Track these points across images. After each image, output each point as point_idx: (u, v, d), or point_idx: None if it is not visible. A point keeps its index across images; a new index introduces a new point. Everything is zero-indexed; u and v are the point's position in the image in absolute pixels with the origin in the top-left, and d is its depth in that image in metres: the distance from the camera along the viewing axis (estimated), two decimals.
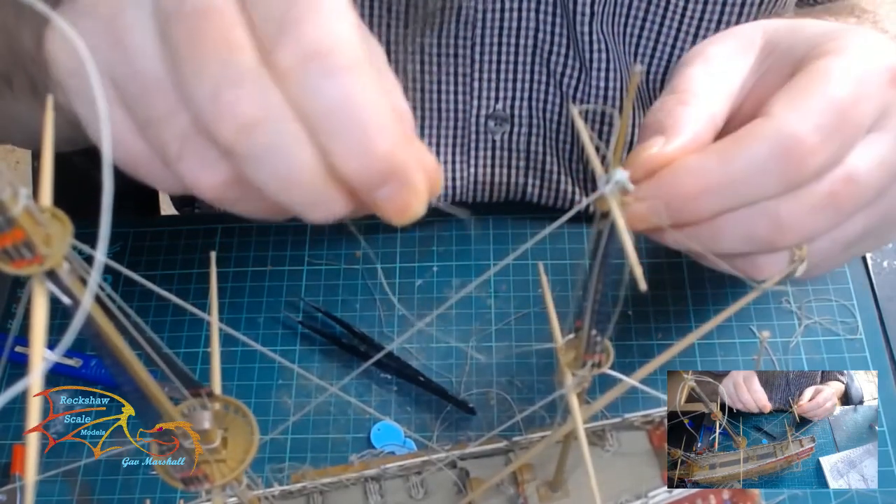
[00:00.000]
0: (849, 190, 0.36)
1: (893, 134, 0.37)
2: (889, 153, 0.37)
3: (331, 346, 0.58)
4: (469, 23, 0.57)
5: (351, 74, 0.28)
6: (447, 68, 0.59)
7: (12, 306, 0.62)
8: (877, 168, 0.37)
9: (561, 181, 0.65)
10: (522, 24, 0.58)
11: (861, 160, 0.36)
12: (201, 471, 0.31)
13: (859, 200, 0.37)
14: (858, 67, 0.36)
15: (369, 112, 0.28)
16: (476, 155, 0.64)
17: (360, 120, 0.28)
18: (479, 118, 0.62)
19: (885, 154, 0.37)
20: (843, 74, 0.36)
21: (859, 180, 0.36)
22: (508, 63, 0.60)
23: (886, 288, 0.58)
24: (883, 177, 0.37)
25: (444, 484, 0.43)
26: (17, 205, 0.19)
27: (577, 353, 0.33)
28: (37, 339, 0.20)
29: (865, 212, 0.39)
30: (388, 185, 0.29)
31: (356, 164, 0.28)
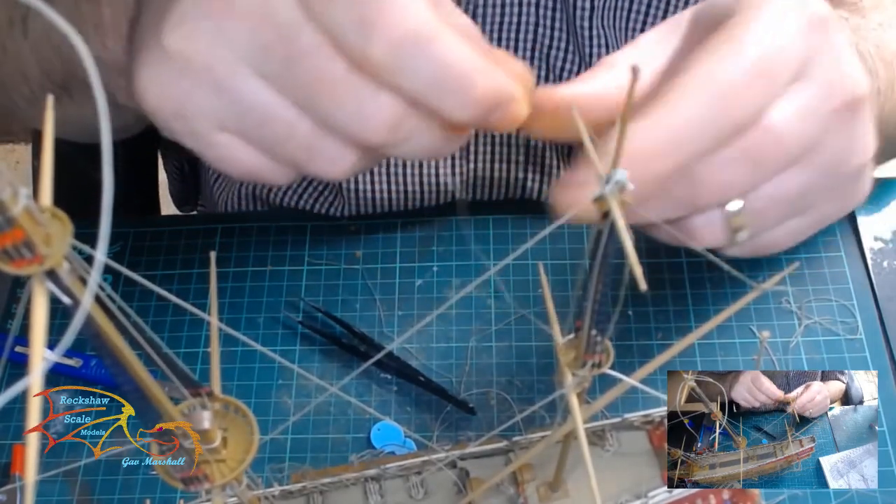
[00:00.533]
0: (766, 141, 0.35)
1: (813, 82, 0.37)
2: (809, 102, 0.36)
3: (331, 346, 0.58)
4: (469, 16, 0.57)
5: (433, 44, 0.33)
6: None
7: (12, 306, 0.62)
8: (798, 118, 0.36)
9: (561, 175, 0.65)
10: (522, 18, 0.58)
11: (780, 111, 0.36)
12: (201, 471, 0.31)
13: (781, 153, 0.36)
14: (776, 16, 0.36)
15: (463, 67, 0.33)
16: (475, 150, 0.64)
17: (458, 78, 0.33)
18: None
19: (805, 103, 0.36)
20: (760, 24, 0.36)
21: (778, 131, 0.35)
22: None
23: (886, 288, 0.58)
24: (808, 127, 0.36)
25: (444, 484, 0.43)
26: (17, 204, 0.19)
27: (577, 353, 0.33)
28: (37, 339, 0.20)
29: (800, 167, 0.37)
30: (496, 109, 0.34)
31: (469, 110, 0.34)
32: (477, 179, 0.64)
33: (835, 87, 0.37)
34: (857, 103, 0.38)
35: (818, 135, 0.37)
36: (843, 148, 0.38)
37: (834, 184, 0.40)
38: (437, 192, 0.64)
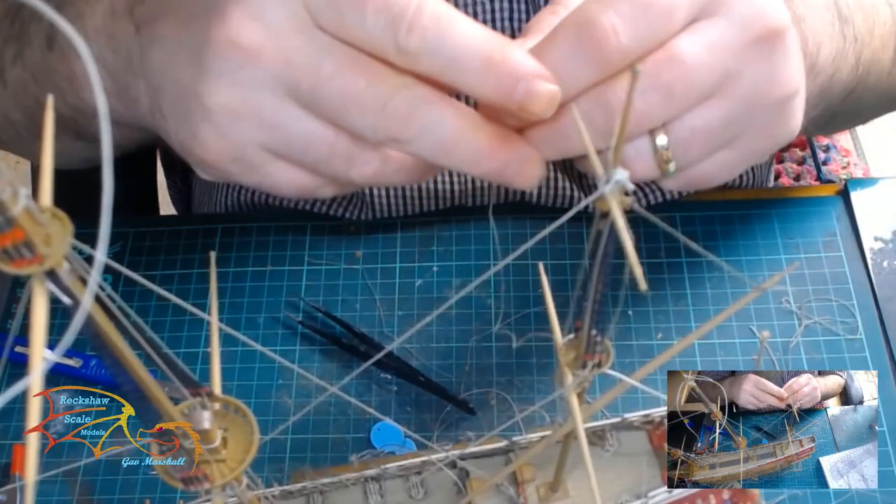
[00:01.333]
0: (675, 71, 0.37)
1: (726, 18, 0.38)
2: (721, 35, 0.38)
3: (331, 346, 0.58)
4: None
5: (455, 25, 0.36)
6: None
7: (12, 306, 0.62)
8: (709, 50, 0.38)
9: (559, 180, 0.65)
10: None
11: (689, 43, 0.37)
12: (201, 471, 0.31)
13: (692, 82, 0.38)
14: None
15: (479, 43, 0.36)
16: None
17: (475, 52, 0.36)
18: None
19: (717, 37, 0.38)
20: None
21: (686, 61, 0.37)
22: None
23: (886, 288, 0.58)
24: (718, 60, 0.38)
25: (444, 484, 0.43)
26: (17, 205, 0.19)
27: (577, 353, 0.33)
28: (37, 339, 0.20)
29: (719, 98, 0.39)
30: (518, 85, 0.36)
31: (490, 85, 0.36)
32: (475, 189, 0.64)
33: (749, 21, 0.38)
34: (776, 35, 0.39)
35: (733, 67, 0.38)
36: (764, 80, 0.39)
37: (758, 116, 0.40)
38: (435, 198, 0.64)
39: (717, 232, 0.62)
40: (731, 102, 0.39)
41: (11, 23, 0.55)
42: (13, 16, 0.56)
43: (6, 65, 0.55)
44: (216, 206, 0.73)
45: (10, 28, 0.55)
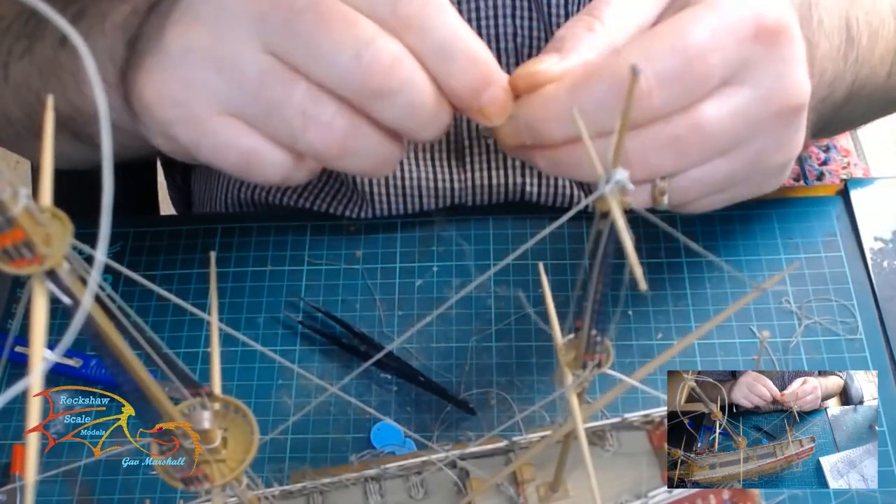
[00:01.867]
0: (695, 136, 0.38)
1: (752, 88, 0.39)
2: (745, 105, 0.39)
3: (331, 346, 0.58)
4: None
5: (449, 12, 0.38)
6: None
7: (12, 306, 0.62)
8: (730, 118, 0.39)
9: (559, 179, 0.65)
10: (500, 30, 0.58)
11: (713, 109, 0.38)
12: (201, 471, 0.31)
13: (707, 147, 0.39)
14: (718, 20, 0.38)
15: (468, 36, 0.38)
16: (471, 160, 0.64)
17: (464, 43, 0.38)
18: (470, 123, 0.62)
19: (741, 106, 0.39)
20: (698, 25, 0.38)
21: (708, 128, 0.38)
22: None
23: (886, 288, 0.58)
24: (738, 127, 0.39)
25: (444, 484, 0.43)
26: (17, 204, 0.19)
27: (577, 354, 0.33)
28: (37, 339, 0.20)
29: (727, 158, 0.40)
30: (490, 87, 0.38)
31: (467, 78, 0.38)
32: (475, 187, 0.64)
33: (773, 96, 0.39)
34: (794, 111, 0.41)
35: (748, 135, 0.40)
36: (772, 147, 0.41)
37: (756, 174, 0.43)
38: (435, 196, 0.64)
39: (717, 232, 0.62)
40: (736, 163, 0.40)
41: (26, 21, 0.55)
42: (29, 14, 0.56)
43: (12, 60, 0.54)
44: (216, 203, 0.73)
45: (24, 26, 0.55)
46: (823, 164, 0.92)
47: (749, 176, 0.42)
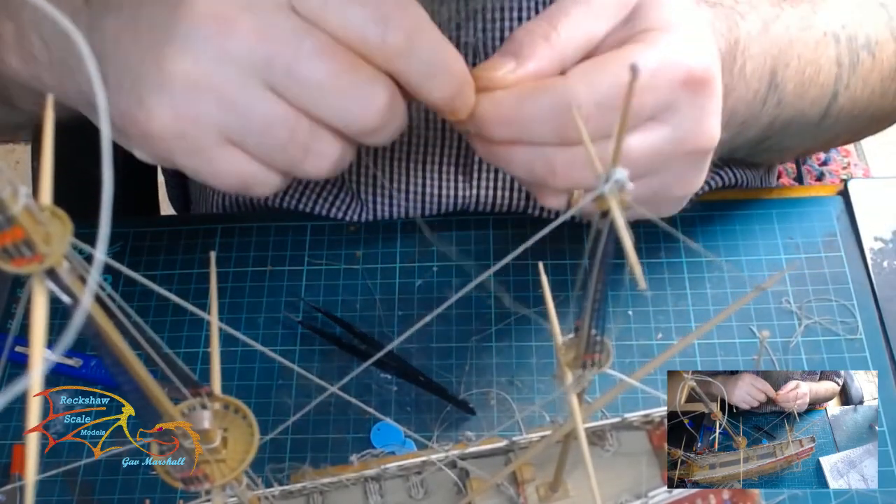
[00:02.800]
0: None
1: (671, 128, 0.42)
2: (660, 143, 0.43)
3: (331, 346, 0.58)
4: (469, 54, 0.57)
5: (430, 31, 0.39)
6: None
7: (12, 306, 0.62)
8: (644, 151, 0.42)
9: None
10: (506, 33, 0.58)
11: (635, 141, 0.42)
12: (201, 471, 0.31)
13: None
14: (657, 61, 0.41)
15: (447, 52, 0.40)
16: (479, 177, 0.63)
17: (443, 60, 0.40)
18: None
19: (656, 143, 0.42)
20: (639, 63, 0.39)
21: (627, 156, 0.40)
22: None
23: (886, 288, 0.58)
24: (652, 159, 0.43)
25: (444, 484, 0.43)
26: (16, 203, 0.19)
27: (577, 354, 0.33)
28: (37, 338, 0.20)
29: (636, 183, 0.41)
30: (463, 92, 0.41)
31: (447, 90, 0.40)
32: (479, 203, 0.64)
33: (688, 138, 0.43)
34: (702, 154, 0.44)
35: (659, 167, 0.43)
36: (675, 181, 0.45)
37: (659, 201, 0.46)
38: (438, 206, 0.64)
39: (717, 232, 0.62)
40: (644, 189, 0.44)
41: None
42: None
43: None
44: (213, 205, 0.73)
45: None
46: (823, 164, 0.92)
47: (650, 200, 0.45)
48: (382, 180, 0.64)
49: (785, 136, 0.58)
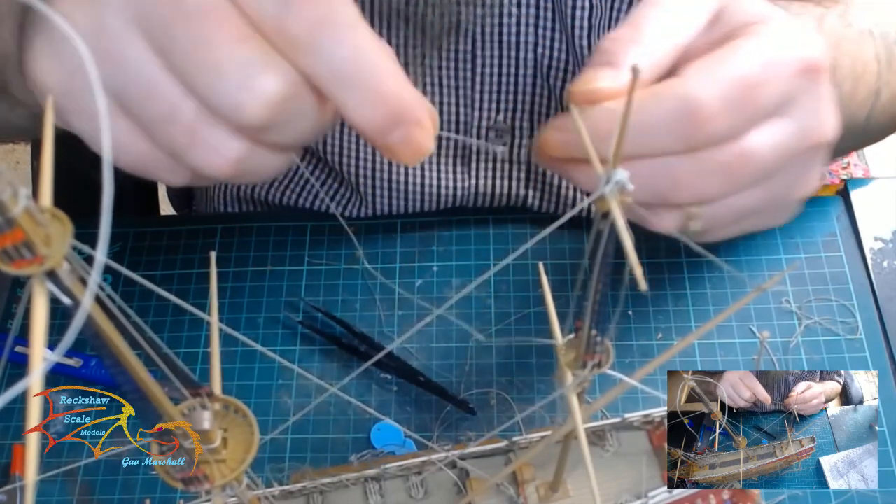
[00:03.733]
0: (742, 164, 0.39)
1: (794, 121, 0.40)
2: (786, 139, 0.39)
3: (331, 346, 0.58)
4: (469, 36, 0.57)
5: (355, 33, 0.32)
6: (448, 81, 0.59)
7: (12, 306, 0.62)
8: (772, 150, 0.39)
9: (562, 190, 0.65)
10: (521, 38, 0.58)
11: (759, 139, 0.39)
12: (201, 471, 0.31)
13: (751, 176, 0.39)
14: (771, 53, 0.38)
15: (376, 64, 0.32)
16: (477, 167, 0.64)
17: (369, 72, 0.32)
18: (479, 130, 0.62)
19: (783, 139, 0.39)
20: (755, 56, 0.38)
21: (754, 158, 0.39)
22: (509, 76, 0.60)
23: (886, 288, 0.58)
24: (777, 159, 0.40)
25: (444, 484, 0.43)
26: (17, 205, 0.19)
27: (577, 354, 0.33)
28: (37, 339, 0.20)
29: (759, 187, 0.41)
30: (399, 126, 0.33)
31: (370, 113, 0.32)
32: (478, 195, 0.64)
33: (810, 132, 0.40)
34: (822, 148, 0.42)
35: (784, 166, 0.41)
36: (797, 181, 0.43)
37: (777, 206, 0.44)
38: (437, 199, 0.64)
39: None
40: (766, 193, 0.41)
41: None
42: None
43: None
44: (215, 199, 0.73)
45: None
46: None
47: (771, 206, 0.43)
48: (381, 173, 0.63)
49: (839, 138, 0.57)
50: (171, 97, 0.33)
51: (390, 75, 0.32)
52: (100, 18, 0.33)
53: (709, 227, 0.42)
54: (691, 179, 0.38)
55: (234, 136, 0.34)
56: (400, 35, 0.57)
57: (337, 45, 0.31)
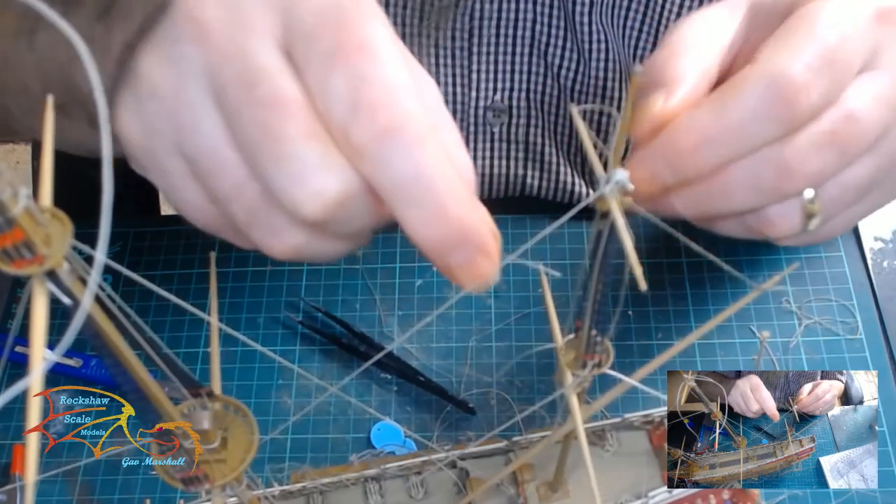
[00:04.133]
0: (850, 128, 0.36)
1: (888, 70, 0.37)
2: (886, 89, 0.37)
3: (331, 346, 0.58)
4: (466, 14, 0.57)
5: (421, 147, 0.30)
6: (445, 60, 0.59)
7: (12, 306, 0.62)
8: (875, 105, 0.37)
9: (561, 171, 0.65)
10: (520, 15, 0.57)
11: (859, 98, 0.36)
12: (201, 471, 0.31)
13: (862, 139, 0.37)
14: (843, 7, 0.36)
15: (440, 181, 0.30)
16: (475, 147, 0.64)
17: (431, 190, 0.30)
18: (477, 110, 0.62)
19: (883, 91, 0.37)
20: (827, 15, 0.36)
21: (859, 118, 0.36)
22: (506, 55, 0.59)
23: (886, 288, 0.58)
24: (884, 113, 0.37)
25: (444, 484, 0.43)
26: (17, 205, 0.19)
27: (577, 354, 0.33)
28: (37, 339, 0.20)
29: (872, 153, 0.38)
30: (460, 250, 0.31)
31: (429, 232, 0.31)
32: (477, 177, 0.64)
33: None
34: None
35: (890, 123, 0.37)
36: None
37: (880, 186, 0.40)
38: None
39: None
40: (881, 158, 0.38)
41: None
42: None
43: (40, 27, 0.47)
44: None
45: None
46: None
47: (889, 175, 0.40)
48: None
49: None
50: (237, 176, 0.33)
51: (455, 196, 0.31)
52: (179, 82, 0.33)
53: (830, 215, 0.39)
54: (800, 161, 0.36)
55: (295, 225, 0.33)
56: (398, 15, 0.56)
57: (401, 160, 0.30)
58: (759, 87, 0.35)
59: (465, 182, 0.33)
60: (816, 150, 0.36)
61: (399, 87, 0.31)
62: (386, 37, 0.32)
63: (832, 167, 0.37)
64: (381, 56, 0.31)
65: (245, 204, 0.33)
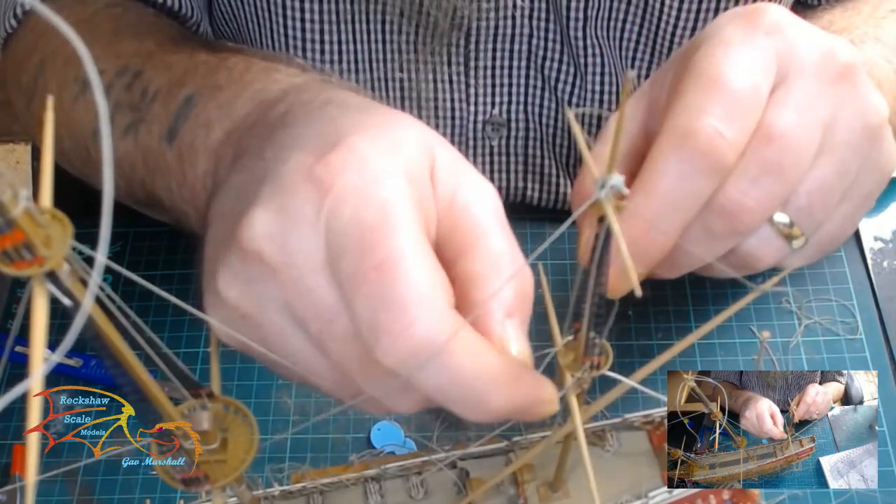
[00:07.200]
0: (777, 146, 0.36)
1: (801, 74, 0.37)
2: (804, 94, 0.37)
3: None
4: (463, 29, 0.57)
5: (448, 356, 0.31)
6: (442, 75, 0.59)
7: (12, 306, 0.62)
8: (798, 114, 0.36)
9: (560, 183, 0.65)
10: (516, 30, 0.58)
11: (777, 115, 0.36)
12: (201, 471, 0.31)
13: (796, 150, 0.36)
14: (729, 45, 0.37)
15: (477, 382, 0.31)
16: (474, 161, 0.64)
17: (470, 390, 0.31)
18: (475, 124, 0.62)
19: (800, 97, 0.37)
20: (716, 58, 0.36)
21: (784, 134, 0.36)
22: (503, 69, 0.60)
23: (886, 288, 0.58)
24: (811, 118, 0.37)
25: (444, 484, 0.43)
26: (17, 206, 0.19)
27: (576, 355, 0.33)
28: (37, 340, 0.20)
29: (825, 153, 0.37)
30: (519, 415, 0.33)
31: (484, 419, 0.32)
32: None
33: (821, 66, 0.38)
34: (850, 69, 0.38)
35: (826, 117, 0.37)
36: (854, 114, 0.38)
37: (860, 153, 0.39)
38: None
39: None
40: (835, 152, 0.38)
41: (128, 86, 0.50)
42: (131, 78, 0.50)
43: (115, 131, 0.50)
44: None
45: (126, 92, 0.49)
46: None
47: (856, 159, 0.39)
48: None
49: None
50: (332, 377, 0.35)
51: (494, 388, 0.31)
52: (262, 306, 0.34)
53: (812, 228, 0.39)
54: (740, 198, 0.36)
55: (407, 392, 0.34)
56: (403, 34, 0.57)
57: (431, 374, 0.31)
58: (672, 152, 0.35)
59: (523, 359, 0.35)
60: (752, 182, 0.36)
61: (418, 303, 0.31)
62: (408, 249, 0.32)
63: (778, 190, 0.36)
64: (400, 273, 0.31)
65: (346, 392, 0.35)
